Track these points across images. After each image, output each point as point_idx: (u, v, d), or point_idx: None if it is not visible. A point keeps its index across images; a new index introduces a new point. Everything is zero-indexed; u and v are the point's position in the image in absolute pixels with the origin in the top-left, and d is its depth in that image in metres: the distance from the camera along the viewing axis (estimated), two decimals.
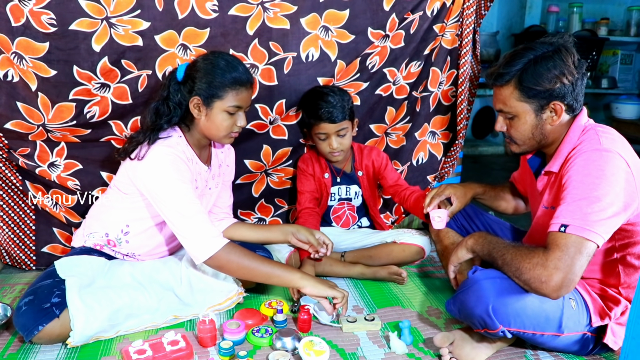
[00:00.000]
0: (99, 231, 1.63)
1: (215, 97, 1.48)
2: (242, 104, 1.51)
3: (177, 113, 1.54)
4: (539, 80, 1.33)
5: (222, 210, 1.82)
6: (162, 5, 1.71)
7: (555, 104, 1.36)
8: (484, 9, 2.10)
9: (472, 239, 1.45)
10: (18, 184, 1.91)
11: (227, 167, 1.78)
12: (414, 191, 1.99)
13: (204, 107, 1.51)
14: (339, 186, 2.05)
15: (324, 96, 1.86)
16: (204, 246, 1.43)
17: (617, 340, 1.33)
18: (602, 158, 1.27)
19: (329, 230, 2.04)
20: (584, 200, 1.23)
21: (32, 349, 1.43)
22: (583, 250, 1.21)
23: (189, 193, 1.45)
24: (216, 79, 1.47)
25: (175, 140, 1.53)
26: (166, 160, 1.46)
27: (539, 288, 1.23)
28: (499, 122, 1.46)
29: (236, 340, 1.44)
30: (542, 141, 1.42)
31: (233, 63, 1.50)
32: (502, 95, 1.40)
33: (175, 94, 1.53)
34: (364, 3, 1.89)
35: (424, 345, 1.48)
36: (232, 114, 1.51)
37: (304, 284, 1.48)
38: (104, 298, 1.44)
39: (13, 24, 1.62)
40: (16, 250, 1.96)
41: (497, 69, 1.40)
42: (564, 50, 1.34)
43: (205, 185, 1.66)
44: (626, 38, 4.55)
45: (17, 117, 1.73)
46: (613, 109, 4.41)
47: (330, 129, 1.87)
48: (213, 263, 1.45)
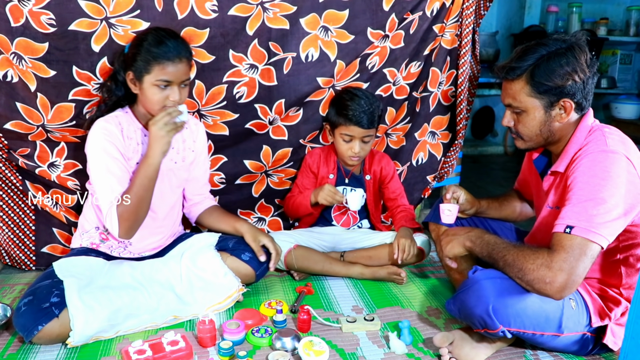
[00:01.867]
0: (91, 227, 1.67)
1: (144, 71, 1.51)
2: (171, 78, 1.51)
3: (120, 89, 1.60)
4: (551, 76, 1.32)
5: (198, 193, 1.83)
6: (162, 5, 1.71)
7: (565, 101, 1.35)
8: (483, 9, 2.10)
9: (469, 240, 1.45)
10: (18, 184, 1.91)
11: (194, 142, 1.76)
12: (403, 211, 2.00)
13: (137, 82, 1.54)
14: (344, 187, 2.05)
15: (356, 98, 1.86)
16: (109, 217, 1.52)
17: (617, 341, 1.33)
18: (608, 159, 1.26)
19: (329, 229, 2.04)
20: (589, 201, 1.23)
21: (32, 349, 1.43)
22: (587, 252, 1.21)
23: (109, 163, 1.53)
24: (143, 54, 1.50)
25: (115, 114, 1.60)
26: (96, 132, 1.55)
27: (543, 289, 1.23)
28: (506, 116, 1.44)
29: (236, 341, 1.44)
30: (549, 138, 1.41)
31: (162, 38, 1.51)
32: (513, 90, 1.38)
33: (119, 71, 1.60)
34: (364, 3, 1.89)
35: (423, 345, 1.48)
36: (163, 87, 1.52)
37: (244, 230, 1.70)
38: (103, 298, 1.44)
39: (12, 24, 1.62)
40: (16, 251, 1.96)
41: (508, 63, 1.38)
42: (577, 48, 1.33)
43: (170, 159, 1.67)
44: (625, 38, 4.55)
45: (17, 117, 1.73)
46: (612, 109, 4.40)
47: (358, 132, 1.87)
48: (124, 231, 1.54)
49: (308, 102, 1.97)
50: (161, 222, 1.71)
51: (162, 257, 1.70)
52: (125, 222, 1.53)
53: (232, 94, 1.87)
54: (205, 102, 1.87)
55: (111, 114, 1.60)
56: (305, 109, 1.99)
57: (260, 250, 1.69)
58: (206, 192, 1.87)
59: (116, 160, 1.54)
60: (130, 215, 1.52)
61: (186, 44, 1.57)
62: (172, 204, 1.74)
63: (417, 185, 2.30)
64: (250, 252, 1.70)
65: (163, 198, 1.67)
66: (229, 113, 1.90)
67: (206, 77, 1.83)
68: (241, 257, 1.69)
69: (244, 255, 1.69)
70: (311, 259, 1.89)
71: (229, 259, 1.68)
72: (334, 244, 1.98)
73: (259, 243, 1.70)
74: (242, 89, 1.88)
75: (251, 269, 1.69)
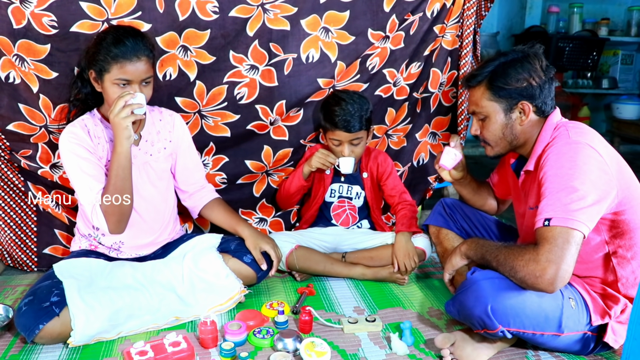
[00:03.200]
0: (86, 229, 1.67)
1: (103, 70, 1.51)
2: (130, 77, 1.51)
3: (86, 86, 1.61)
4: (508, 79, 1.42)
5: (192, 182, 1.82)
6: (163, 7, 1.71)
7: (523, 104, 1.43)
8: (484, 9, 2.10)
9: (464, 245, 1.48)
10: (20, 185, 1.92)
11: (170, 132, 1.74)
12: (404, 208, 2.00)
13: (99, 80, 1.55)
14: (340, 184, 2.06)
15: (342, 103, 1.86)
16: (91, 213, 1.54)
17: (618, 339, 1.34)
18: (572, 149, 1.31)
19: (330, 229, 2.04)
20: (561, 192, 1.27)
21: (34, 350, 1.43)
22: (571, 240, 1.23)
23: (81, 164, 1.54)
24: (102, 53, 1.51)
25: (81, 118, 1.62)
26: (64, 138, 1.57)
27: (535, 283, 1.24)
28: (473, 125, 1.54)
29: (237, 342, 1.44)
30: (513, 141, 1.48)
31: (121, 37, 1.51)
32: (475, 97, 1.49)
33: (84, 69, 1.60)
34: (364, 4, 1.90)
35: (425, 346, 1.48)
36: (122, 86, 1.52)
37: (245, 235, 1.71)
38: (104, 298, 1.45)
39: (15, 26, 1.63)
40: (17, 252, 1.96)
41: (470, 72, 1.51)
42: (532, 56, 1.44)
43: (145, 152, 1.67)
44: (627, 38, 4.55)
45: (19, 118, 1.74)
46: (614, 110, 4.40)
47: (344, 137, 1.88)
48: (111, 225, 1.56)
49: (309, 103, 1.98)
50: (145, 217, 1.68)
51: (164, 258, 1.71)
52: (112, 217, 1.54)
53: (233, 95, 1.88)
54: (206, 102, 1.87)
55: (77, 119, 1.61)
56: (305, 109, 1.99)
57: (261, 259, 1.70)
58: (202, 181, 1.85)
59: (87, 160, 1.55)
60: (114, 209, 1.53)
61: (147, 42, 1.55)
62: (153, 198, 1.70)
63: (419, 186, 2.30)
64: (252, 255, 1.70)
65: (139, 192, 1.64)
66: (229, 114, 1.91)
67: (207, 78, 1.83)
68: (243, 259, 1.69)
69: (245, 258, 1.69)
70: (312, 260, 1.89)
71: (231, 261, 1.68)
72: (335, 244, 1.99)
73: (259, 250, 1.71)
74: (243, 89, 1.88)
75: (253, 271, 1.70)
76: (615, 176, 1.31)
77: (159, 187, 1.72)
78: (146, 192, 1.67)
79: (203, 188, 1.85)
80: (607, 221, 1.35)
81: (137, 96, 1.50)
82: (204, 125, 1.91)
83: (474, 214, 1.81)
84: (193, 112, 1.88)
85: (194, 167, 1.82)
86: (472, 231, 1.80)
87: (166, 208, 1.76)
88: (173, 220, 1.81)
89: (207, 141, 1.94)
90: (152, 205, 1.70)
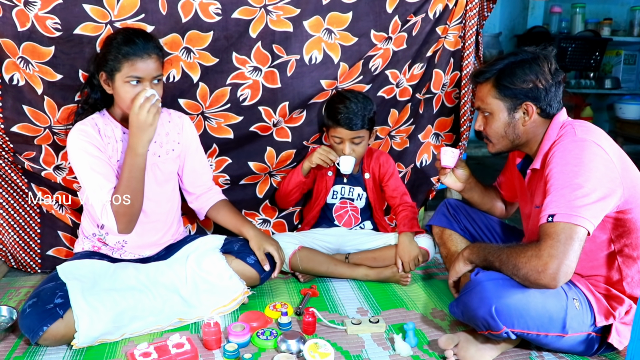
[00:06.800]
0: (90, 230, 1.68)
1: (115, 69, 1.52)
2: (141, 74, 1.51)
3: (96, 92, 1.62)
4: (514, 79, 1.43)
5: (199, 185, 1.82)
6: (166, 9, 1.72)
7: (527, 105, 1.44)
8: (486, 10, 2.10)
9: (467, 251, 1.48)
10: (24, 187, 1.92)
11: (178, 134, 1.75)
12: (404, 210, 2.00)
13: (110, 81, 1.55)
14: (342, 185, 2.06)
15: (346, 101, 1.87)
16: (101, 211, 1.54)
17: (622, 340, 1.34)
18: (578, 147, 1.32)
19: (333, 230, 2.04)
20: (566, 188, 1.27)
21: (38, 351, 1.44)
22: (574, 236, 1.23)
23: (92, 162, 1.54)
24: (113, 52, 1.51)
25: (91, 117, 1.61)
26: (73, 135, 1.56)
27: (537, 279, 1.24)
28: (478, 120, 1.55)
29: (241, 343, 1.45)
30: (515, 140, 1.49)
31: (131, 36, 1.52)
32: (481, 93, 1.50)
33: (94, 74, 1.60)
34: (367, 5, 1.90)
35: (428, 347, 1.48)
36: (134, 84, 1.52)
37: (250, 236, 1.72)
38: (108, 299, 1.45)
39: (19, 28, 1.64)
40: (21, 254, 1.97)
41: (480, 68, 1.53)
42: (542, 58, 1.44)
43: (154, 153, 1.68)
44: (629, 38, 4.54)
45: (24, 120, 1.75)
46: (617, 110, 4.39)
47: (346, 134, 1.88)
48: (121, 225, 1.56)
49: (312, 104, 1.98)
50: (150, 217, 1.69)
51: (167, 260, 1.71)
52: (123, 217, 1.54)
53: (236, 97, 1.88)
54: (209, 104, 1.87)
55: (87, 118, 1.61)
56: (308, 111, 1.99)
57: (264, 260, 1.70)
58: (209, 183, 1.85)
59: (98, 158, 1.55)
60: (126, 209, 1.53)
61: (156, 41, 1.57)
62: (159, 199, 1.71)
63: (421, 187, 2.30)
64: (256, 256, 1.71)
65: (145, 193, 1.62)
66: (233, 115, 1.91)
67: (210, 79, 1.84)
68: (246, 260, 1.69)
69: (249, 259, 1.70)
70: (316, 261, 1.89)
71: (234, 262, 1.68)
72: (338, 245, 1.99)
73: (263, 251, 1.71)
74: (246, 91, 1.88)
75: (256, 272, 1.70)
76: (621, 174, 1.31)
77: (165, 188, 1.73)
78: (152, 193, 1.67)
79: (210, 190, 1.85)
80: (612, 219, 1.34)
81: (153, 92, 1.52)
82: (207, 126, 1.92)
83: (478, 214, 1.82)
84: (196, 114, 1.89)
85: (202, 169, 1.82)
86: (475, 232, 1.80)
87: (171, 209, 1.77)
88: (177, 221, 1.82)
89: (210, 143, 1.94)
90: (157, 206, 1.70)
